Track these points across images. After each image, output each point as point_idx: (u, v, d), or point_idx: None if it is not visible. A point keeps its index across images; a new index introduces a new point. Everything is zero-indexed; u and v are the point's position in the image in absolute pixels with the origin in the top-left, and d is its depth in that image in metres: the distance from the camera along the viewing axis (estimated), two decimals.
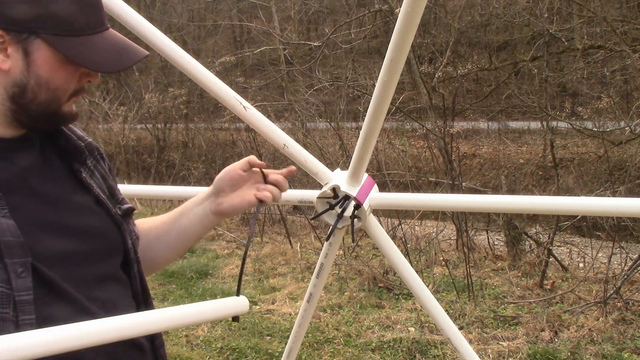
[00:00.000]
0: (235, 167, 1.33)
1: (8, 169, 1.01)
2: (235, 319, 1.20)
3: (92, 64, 1.03)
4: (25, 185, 1.03)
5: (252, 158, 1.34)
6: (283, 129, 1.61)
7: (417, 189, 7.77)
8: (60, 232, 1.04)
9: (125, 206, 1.25)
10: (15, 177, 1.02)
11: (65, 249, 1.03)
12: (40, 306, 0.96)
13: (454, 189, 6.25)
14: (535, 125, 12.26)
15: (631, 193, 6.29)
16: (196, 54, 15.56)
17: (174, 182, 11.19)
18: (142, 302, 1.21)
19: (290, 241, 6.87)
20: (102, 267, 1.11)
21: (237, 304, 1.15)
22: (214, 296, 5.23)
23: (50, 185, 1.07)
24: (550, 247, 5.36)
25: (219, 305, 1.13)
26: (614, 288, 4.41)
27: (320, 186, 1.61)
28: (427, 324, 4.36)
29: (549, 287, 5.01)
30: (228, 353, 4.18)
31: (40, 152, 1.10)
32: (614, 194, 5.97)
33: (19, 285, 0.93)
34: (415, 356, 3.99)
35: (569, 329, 4.16)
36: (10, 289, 0.93)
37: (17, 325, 0.93)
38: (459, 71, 9.89)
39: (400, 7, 1.15)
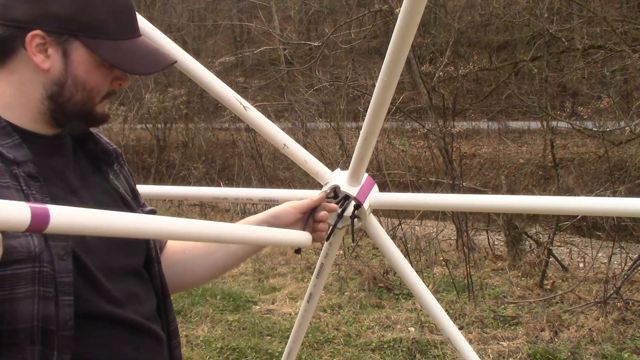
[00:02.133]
0: (300, 208, 1.44)
1: (48, 162, 1.09)
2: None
3: (124, 66, 1.11)
4: (63, 179, 1.11)
5: (320, 211, 1.46)
6: (283, 129, 1.61)
7: (417, 189, 7.76)
8: None
9: (147, 209, 1.33)
10: (54, 171, 1.10)
11: (97, 242, 1.09)
12: (77, 290, 1.02)
13: (454, 189, 6.26)
14: (535, 125, 12.25)
15: (631, 193, 6.29)
16: (196, 54, 15.55)
17: (174, 182, 11.19)
18: (162, 300, 1.26)
19: None
20: (128, 263, 1.18)
21: (302, 237, 1.31)
22: (213, 296, 5.24)
23: (82, 183, 1.15)
24: (550, 247, 5.35)
25: (287, 235, 1.29)
26: (614, 288, 4.41)
27: (320, 186, 1.60)
28: (427, 324, 4.36)
29: (549, 287, 5.01)
30: (228, 353, 4.18)
31: (73, 152, 1.18)
32: (614, 194, 5.97)
33: (60, 267, 1.00)
34: (415, 356, 3.99)
35: (569, 329, 4.16)
36: (53, 270, 0.99)
37: (57, 305, 0.99)
38: (459, 71, 9.88)
39: (400, 7, 1.15)
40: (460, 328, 4.26)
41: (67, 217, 0.80)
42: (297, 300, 5.11)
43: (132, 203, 1.24)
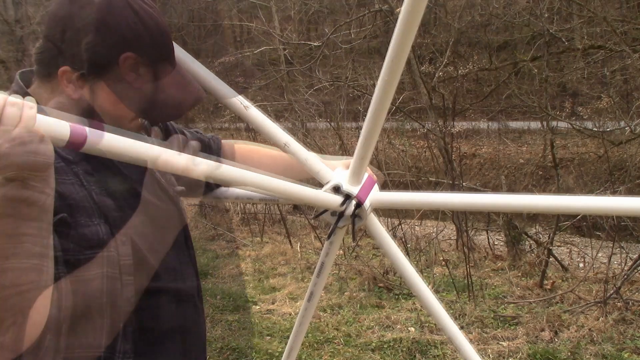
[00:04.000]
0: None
1: (100, 158, 1.17)
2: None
3: (142, 113, 1.23)
4: (115, 172, 1.23)
5: None
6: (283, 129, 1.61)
7: (417, 189, 7.75)
8: (140, 210, 1.23)
9: (179, 189, 1.43)
10: (106, 165, 1.21)
11: (145, 225, 1.22)
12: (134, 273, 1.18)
13: (454, 188, 6.25)
14: (535, 125, 12.25)
15: (631, 193, 6.29)
16: (196, 54, 15.50)
17: None
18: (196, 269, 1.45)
19: (290, 241, 6.87)
20: (172, 240, 1.30)
21: (333, 199, 1.49)
22: (213, 296, 5.24)
23: (128, 170, 1.26)
24: (550, 247, 5.35)
25: (321, 195, 1.46)
26: (614, 288, 4.41)
27: (321, 185, 1.60)
28: (427, 324, 4.36)
29: (549, 287, 5.01)
30: (228, 353, 4.18)
31: None
32: (614, 194, 5.97)
33: (122, 251, 1.15)
34: (415, 356, 3.99)
35: (569, 329, 4.16)
36: (117, 254, 1.14)
37: (122, 285, 1.15)
38: (459, 71, 9.87)
39: (401, 7, 1.15)
40: (461, 328, 4.24)
41: (103, 140, 0.95)
42: (297, 300, 5.11)
43: (166, 185, 1.33)
